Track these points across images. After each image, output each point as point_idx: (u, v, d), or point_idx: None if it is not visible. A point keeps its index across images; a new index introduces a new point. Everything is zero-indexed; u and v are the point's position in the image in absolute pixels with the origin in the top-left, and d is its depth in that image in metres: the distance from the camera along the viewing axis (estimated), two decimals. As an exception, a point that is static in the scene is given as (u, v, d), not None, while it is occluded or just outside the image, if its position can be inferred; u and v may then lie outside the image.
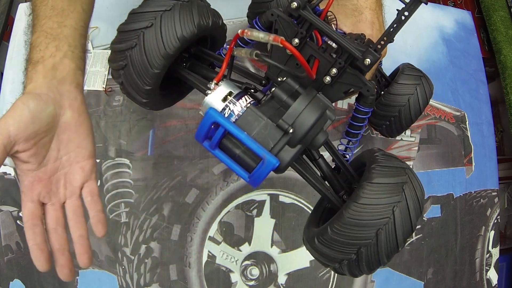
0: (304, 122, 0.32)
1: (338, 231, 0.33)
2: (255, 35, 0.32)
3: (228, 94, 0.34)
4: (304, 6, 0.34)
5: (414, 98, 0.56)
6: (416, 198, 0.33)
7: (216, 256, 0.71)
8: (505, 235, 0.95)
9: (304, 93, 0.33)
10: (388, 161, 0.36)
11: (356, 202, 0.32)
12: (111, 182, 0.71)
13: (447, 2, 1.12)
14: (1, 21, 0.91)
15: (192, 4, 0.39)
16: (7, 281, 0.70)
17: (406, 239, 0.33)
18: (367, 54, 0.33)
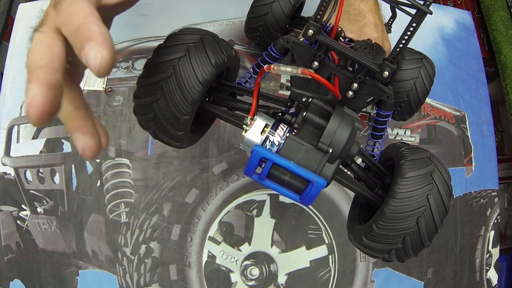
0: (340, 139, 0.34)
1: (383, 226, 0.36)
2: (283, 69, 0.34)
3: (265, 126, 0.36)
4: (319, 32, 0.36)
5: (420, 81, 0.58)
6: (444, 182, 0.37)
7: (216, 256, 0.71)
8: (505, 235, 0.95)
9: (334, 112, 0.36)
10: (413, 154, 0.39)
11: (394, 198, 0.36)
12: (111, 182, 0.71)
13: (447, 2, 1.12)
14: (1, 21, 0.91)
15: (204, 43, 0.39)
16: (7, 281, 0.70)
17: (442, 220, 0.37)
18: (384, 67, 0.36)
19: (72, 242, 0.71)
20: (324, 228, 0.73)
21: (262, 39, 0.66)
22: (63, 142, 0.73)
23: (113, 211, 0.71)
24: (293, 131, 0.37)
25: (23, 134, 0.74)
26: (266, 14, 0.61)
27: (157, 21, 0.78)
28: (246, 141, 0.36)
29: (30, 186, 0.73)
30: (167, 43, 0.39)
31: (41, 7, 0.82)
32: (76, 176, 0.72)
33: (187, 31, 0.40)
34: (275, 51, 0.44)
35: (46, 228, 0.71)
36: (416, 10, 0.32)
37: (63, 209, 0.71)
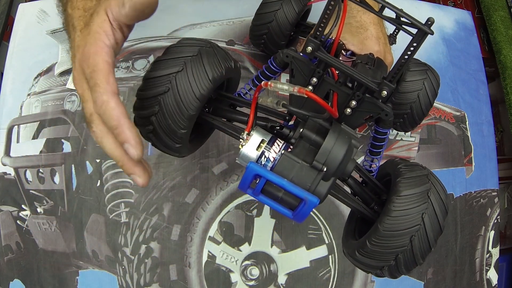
0: (335, 158, 0.34)
1: (376, 243, 0.36)
2: (279, 87, 0.33)
3: (261, 142, 0.36)
4: (318, 48, 0.36)
5: (423, 93, 0.58)
6: (440, 201, 0.37)
7: (216, 256, 0.71)
8: (505, 235, 0.95)
9: (331, 129, 0.35)
10: (411, 172, 0.39)
11: (389, 216, 0.36)
12: (111, 182, 0.71)
13: (447, 2, 1.12)
14: (1, 21, 0.91)
15: (202, 57, 0.39)
16: (7, 281, 0.70)
17: (437, 239, 0.37)
18: (383, 86, 0.35)
19: (72, 242, 0.71)
20: (324, 228, 0.73)
21: (266, 47, 0.66)
22: (63, 142, 0.73)
23: (113, 211, 0.71)
24: (289, 147, 0.37)
25: (23, 134, 0.74)
26: (270, 22, 0.60)
27: (157, 21, 0.78)
28: (242, 156, 0.36)
29: (30, 186, 0.73)
30: (165, 56, 0.39)
31: (41, 7, 0.82)
32: (76, 176, 0.72)
33: (185, 43, 0.40)
34: (275, 64, 0.44)
35: (46, 228, 0.71)
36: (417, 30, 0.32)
37: (63, 209, 0.71)
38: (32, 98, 0.76)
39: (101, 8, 0.36)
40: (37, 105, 0.75)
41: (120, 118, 0.33)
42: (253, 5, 0.82)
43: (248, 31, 0.68)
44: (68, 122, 0.74)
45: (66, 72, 0.76)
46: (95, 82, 0.33)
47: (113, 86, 0.33)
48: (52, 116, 0.74)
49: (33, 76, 0.77)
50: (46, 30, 0.79)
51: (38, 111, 0.75)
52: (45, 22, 0.81)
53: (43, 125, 0.74)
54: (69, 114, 0.74)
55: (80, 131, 0.73)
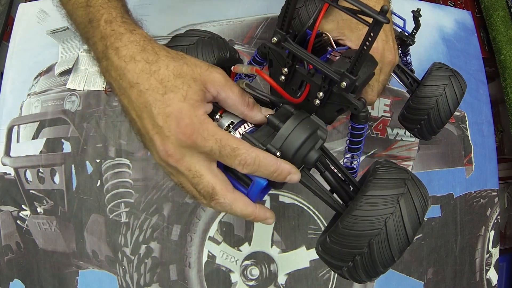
0: (292, 144, 0.35)
1: (335, 240, 0.35)
2: (239, 69, 0.38)
3: (230, 123, 0.38)
4: (284, 39, 0.37)
5: (443, 100, 0.54)
6: (413, 210, 0.34)
7: (216, 256, 0.71)
8: (505, 235, 0.95)
9: (292, 116, 0.37)
10: (387, 173, 0.37)
11: (350, 214, 0.34)
12: (111, 182, 0.71)
13: (447, 2, 1.12)
14: (1, 21, 0.91)
15: (212, 39, 0.44)
16: (7, 281, 0.70)
17: (402, 250, 0.34)
18: (343, 78, 0.35)
19: (72, 242, 0.71)
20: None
21: None
22: (63, 142, 0.73)
23: (113, 211, 0.71)
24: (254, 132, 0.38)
25: (23, 134, 0.74)
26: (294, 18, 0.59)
27: (157, 21, 0.78)
28: None
29: (30, 186, 0.73)
30: (169, 43, 0.43)
31: (41, 7, 0.82)
32: (76, 176, 0.72)
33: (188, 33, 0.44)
34: (259, 56, 0.46)
35: (46, 228, 0.71)
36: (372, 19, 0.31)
37: (63, 209, 0.71)
38: (32, 98, 0.76)
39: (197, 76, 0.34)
40: (37, 105, 0.75)
41: (275, 161, 0.34)
42: (253, 5, 0.83)
43: (248, 31, 0.68)
44: (68, 122, 0.74)
45: (66, 72, 0.76)
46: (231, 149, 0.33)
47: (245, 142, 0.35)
48: (52, 116, 0.74)
49: (33, 76, 0.78)
50: (46, 30, 0.79)
51: (38, 111, 0.75)
52: (45, 22, 0.81)
53: (43, 125, 0.74)
54: (69, 114, 0.74)
55: (80, 131, 0.73)
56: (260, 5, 0.82)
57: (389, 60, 0.48)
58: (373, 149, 0.77)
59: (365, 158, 0.76)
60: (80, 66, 0.76)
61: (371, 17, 0.31)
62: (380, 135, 0.78)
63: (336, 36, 0.47)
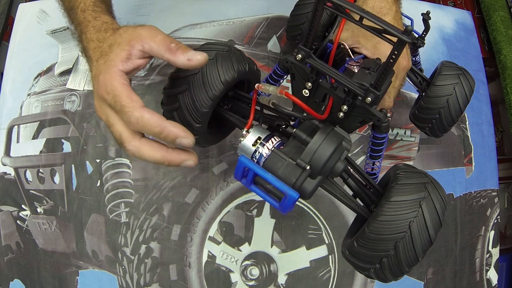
0: (321, 157, 0.37)
1: (362, 244, 0.37)
2: (266, 89, 0.38)
3: (258, 139, 0.40)
4: (309, 56, 0.38)
5: (453, 99, 0.56)
6: (434, 212, 0.37)
7: (216, 256, 0.71)
8: (505, 235, 0.95)
9: (320, 130, 0.38)
10: (408, 178, 0.39)
11: (376, 219, 0.36)
12: (111, 182, 0.71)
13: (447, 2, 1.12)
14: (1, 21, 0.91)
15: (230, 52, 0.45)
16: (7, 281, 0.70)
17: (425, 250, 0.37)
18: (368, 93, 0.37)
19: (72, 242, 0.71)
20: (324, 228, 0.73)
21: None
22: (63, 142, 0.73)
23: (113, 211, 0.71)
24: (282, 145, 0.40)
25: (23, 134, 0.74)
26: (303, 23, 0.60)
27: (157, 21, 0.78)
28: (240, 149, 0.41)
29: (30, 186, 0.73)
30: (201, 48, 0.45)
31: (41, 7, 0.82)
32: (76, 176, 0.72)
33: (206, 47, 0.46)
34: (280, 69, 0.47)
35: (46, 228, 0.71)
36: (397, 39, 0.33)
37: (63, 209, 0.71)
38: (32, 98, 0.76)
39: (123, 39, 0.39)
40: (37, 105, 0.75)
41: (160, 122, 0.37)
42: (253, 5, 0.83)
43: (248, 31, 0.68)
44: (68, 122, 0.74)
45: (66, 72, 0.76)
46: (121, 105, 0.37)
47: (139, 101, 0.37)
48: (52, 116, 0.74)
49: (33, 76, 0.78)
50: (46, 30, 0.79)
51: (38, 111, 0.75)
52: (45, 22, 0.81)
53: (43, 125, 0.74)
54: (69, 114, 0.74)
55: (80, 131, 0.73)
56: (260, 5, 0.82)
57: (404, 66, 0.49)
58: (373, 149, 0.77)
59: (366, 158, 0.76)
60: (80, 66, 0.76)
61: (396, 37, 0.32)
62: (380, 135, 0.78)
63: (351, 44, 0.49)
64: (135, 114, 0.36)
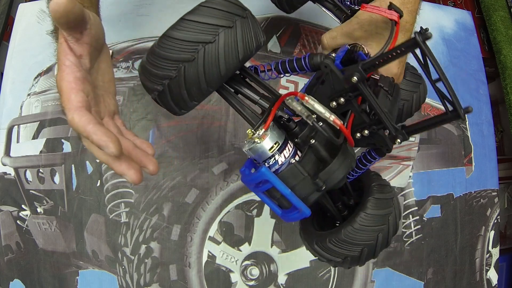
0: (336, 178, 0.38)
1: (334, 243, 0.42)
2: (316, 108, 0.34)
3: (275, 143, 0.37)
4: (363, 80, 0.35)
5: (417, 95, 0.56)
6: (395, 223, 0.42)
7: (216, 256, 0.71)
8: (505, 235, 0.95)
9: (341, 152, 0.38)
10: (380, 193, 0.43)
11: (352, 226, 0.41)
12: (111, 182, 0.71)
13: (447, 2, 1.12)
14: (1, 21, 0.91)
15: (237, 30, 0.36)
16: (7, 281, 0.70)
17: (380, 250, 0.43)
18: (399, 134, 0.38)
19: (72, 242, 0.71)
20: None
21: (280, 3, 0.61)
22: (63, 142, 0.73)
23: (113, 211, 0.71)
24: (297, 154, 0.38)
25: (23, 134, 0.74)
26: None
27: (157, 21, 0.78)
28: (253, 149, 0.37)
29: (30, 186, 0.73)
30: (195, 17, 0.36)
31: (41, 7, 0.82)
32: (76, 176, 0.72)
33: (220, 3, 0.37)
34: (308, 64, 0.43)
35: (46, 228, 0.71)
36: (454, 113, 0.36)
37: (63, 209, 0.71)
38: (32, 98, 0.76)
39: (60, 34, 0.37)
40: (37, 105, 0.75)
41: (85, 127, 0.34)
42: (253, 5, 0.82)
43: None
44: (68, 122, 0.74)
45: (66, 72, 0.76)
46: (62, 106, 0.35)
47: (74, 102, 0.35)
48: (52, 116, 0.74)
49: (33, 76, 0.78)
50: (46, 30, 0.79)
51: (38, 111, 0.75)
52: (45, 22, 0.81)
53: (43, 125, 0.74)
54: (69, 114, 0.74)
55: (80, 131, 0.73)
56: (260, 5, 0.82)
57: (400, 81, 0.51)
58: (373, 149, 0.77)
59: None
60: (80, 66, 0.76)
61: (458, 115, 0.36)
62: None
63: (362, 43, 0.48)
64: (68, 116, 0.35)
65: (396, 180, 0.77)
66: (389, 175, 0.77)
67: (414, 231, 0.76)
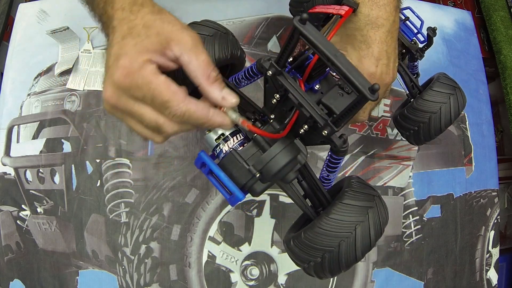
0: (272, 168, 0.40)
1: (309, 237, 0.40)
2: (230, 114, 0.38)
3: (221, 135, 0.41)
4: (279, 73, 0.39)
5: (446, 107, 0.55)
6: (378, 222, 0.40)
7: (216, 256, 0.71)
8: (505, 235, 0.95)
9: (277, 142, 0.40)
10: (361, 188, 0.42)
11: (327, 216, 0.39)
12: (111, 182, 0.71)
13: (447, 2, 1.12)
14: (1, 21, 0.91)
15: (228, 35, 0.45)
16: (7, 281, 0.70)
17: (364, 253, 0.40)
18: (326, 126, 0.38)
19: (72, 242, 0.71)
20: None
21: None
22: (63, 142, 0.73)
23: (113, 211, 0.71)
24: (244, 144, 0.42)
25: (23, 134, 0.75)
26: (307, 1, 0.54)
27: (157, 21, 0.78)
28: (205, 139, 0.43)
29: (30, 186, 0.73)
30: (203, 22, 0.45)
31: (41, 7, 0.82)
32: (76, 176, 0.72)
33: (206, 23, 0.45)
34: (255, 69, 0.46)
35: (46, 228, 0.71)
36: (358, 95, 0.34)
37: (63, 209, 0.71)
38: (32, 98, 0.76)
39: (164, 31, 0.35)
40: (37, 105, 0.75)
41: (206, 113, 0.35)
42: (253, 5, 0.83)
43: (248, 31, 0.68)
44: (68, 122, 0.74)
45: (66, 72, 0.76)
46: (162, 101, 0.34)
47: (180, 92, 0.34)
48: (52, 116, 0.74)
49: (33, 76, 0.78)
50: (46, 30, 0.79)
51: (38, 111, 0.75)
52: (45, 22, 0.81)
53: (43, 125, 0.74)
54: (69, 114, 0.74)
55: (80, 131, 0.73)
56: (260, 5, 0.82)
57: (386, 82, 0.47)
58: (373, 149, 0.77)
59: (365, 158, 0.76)
60: (80, 66, 0.76)
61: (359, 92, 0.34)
62: (380, 135, 0.78)
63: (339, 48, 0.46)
64: (182, 109, 0.34)
65: (396, 180, 0.77)
66: (389, 175, 0.77)
67: (414, 231, 0.76)
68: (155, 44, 0.34)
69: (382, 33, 0.45)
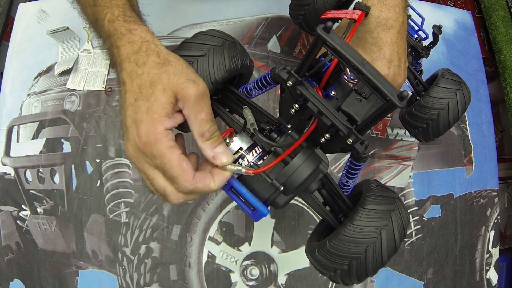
0: (296, 180, 0.39)
1: (335, 245, 0.39)
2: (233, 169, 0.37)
3: (239, 149, 0.40)
4: (299, 83, 0.38)
5: (453, 103, 0.56)
6: (401, 224, 0.40)
7: (216, 256, 0.71)
8: (505, 235, 0.95)
9: (299, 154, 0.39)
10: (381, 192, 0.42)
11: (351, 223, 0.39)
12: (111, 182, 0.71)
13: (447, 2, 1.12)
14: (1, 21, 0.91)
15: (224, 48, 0.44)
16: (7, 281, 0.70)
17: (390, 256, 0.40)
18: (350, 134, 0.37)
19: (72, 242, 0.71)
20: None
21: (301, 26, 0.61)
22: (63, 142, 0.73)
23: (113, 211, 0.71)
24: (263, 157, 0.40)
25: (23, 134, 0.75)
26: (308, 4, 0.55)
27: (157, 21, 0.78)
28: None
29: (30, 186, 0.73)
30: (193, 40, 0.44)
31: (41, 7, 0.82)
32: (76, 176, 0.72)
33: (212, 33, 0.44)
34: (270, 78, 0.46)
35: (46, 228, 0.71)
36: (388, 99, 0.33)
37: (63, 209, 0.71)
38: (32, 98, 0.76)
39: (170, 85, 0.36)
40: (37, 105, 0.75)
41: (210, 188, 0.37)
42: (253, 5, 0.83)
43: (248, 31, 0.68)
44: (68, 122, 0.74)
45: (66, 72, 0.76)
46: (172, 176, 0.36)
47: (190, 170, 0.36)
48: (52, 116, 0.74)
49: (33, 76, 0.78)
50: (46, 30, 0.79)
51: (38, 111, 0.75)
52: (45, 22, 0.81)
53: (43, 125, 0.74)
54: (69, 114, 0.74)
55: (80, 131, 0.73)
56: (260, 5, 0.82)
57: (398, 83, 0.47)
58: (373, 149, 0.77)
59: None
60: (80, 66, 0.76)
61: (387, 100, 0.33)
62: (380, 135, 0.78)
63: None
64: (188, 188, 0.36)
65: (396, 180, 0.77)
66: (389, 175, 0.77)
67: (414, 231, 0.76)
68: (165, 105, 0.36)
69: (392, 34, 0.46)
